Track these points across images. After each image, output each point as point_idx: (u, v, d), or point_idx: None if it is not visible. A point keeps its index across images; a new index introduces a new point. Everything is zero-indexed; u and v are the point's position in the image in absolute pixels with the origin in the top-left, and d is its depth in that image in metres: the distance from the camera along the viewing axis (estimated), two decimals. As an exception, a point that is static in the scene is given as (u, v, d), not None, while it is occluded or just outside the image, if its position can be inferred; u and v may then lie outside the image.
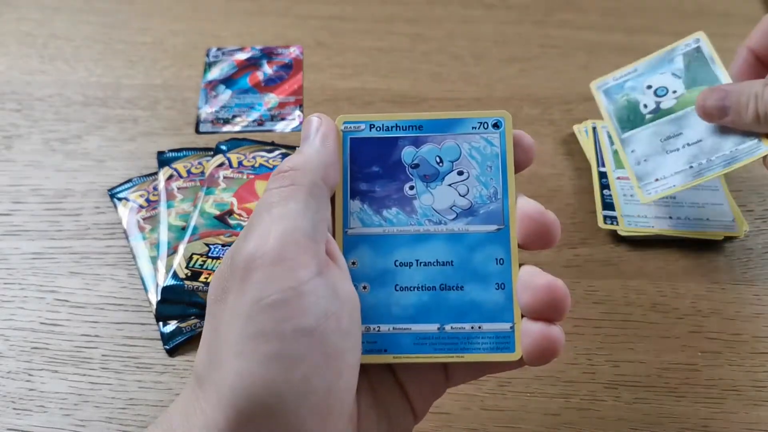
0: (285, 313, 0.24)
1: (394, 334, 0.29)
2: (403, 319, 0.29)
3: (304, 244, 0.25)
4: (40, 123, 0.56)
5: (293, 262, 0.25)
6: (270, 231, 0.25)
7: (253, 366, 0.24)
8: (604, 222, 0.48)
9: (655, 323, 0.44)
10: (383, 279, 0.29)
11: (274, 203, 0.26)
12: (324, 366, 0.25)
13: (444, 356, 0.29)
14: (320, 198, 0.27)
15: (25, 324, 0.43)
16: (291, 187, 0.27)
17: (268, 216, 0.26)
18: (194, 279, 0.43)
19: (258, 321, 0.24)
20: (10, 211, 0.50)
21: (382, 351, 0.29)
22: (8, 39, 0.63)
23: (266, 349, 0.24)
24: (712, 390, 0.41)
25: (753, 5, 0.67)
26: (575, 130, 0.54)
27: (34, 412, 0.40)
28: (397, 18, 0.66)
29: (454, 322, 0.29)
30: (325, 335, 0.25)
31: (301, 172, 0.27)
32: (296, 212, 0.26)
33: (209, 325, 0.27)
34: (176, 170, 0.51)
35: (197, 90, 0.59)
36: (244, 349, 0.24)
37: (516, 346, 0.29)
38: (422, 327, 0.29)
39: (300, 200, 0.26)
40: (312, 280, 0.25)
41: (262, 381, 0.24)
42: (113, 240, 0.48)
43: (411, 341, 0.29)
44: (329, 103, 0.58)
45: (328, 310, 0.25)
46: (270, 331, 0.24)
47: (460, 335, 0.29)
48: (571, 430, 0.39)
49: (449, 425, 0.39)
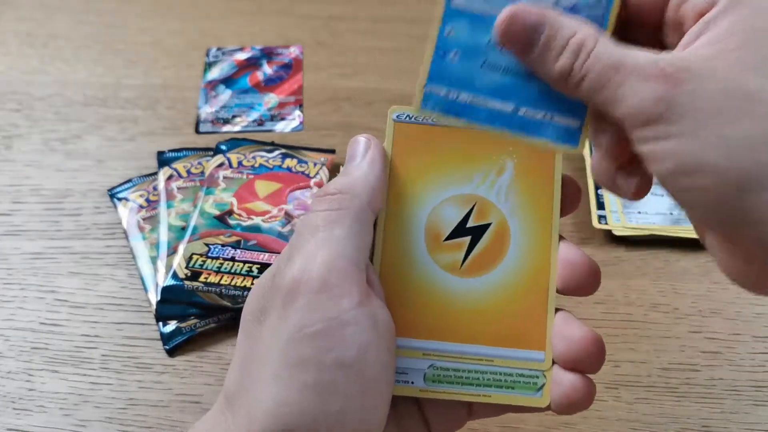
0: (326, 343, 0.24)
1: (471, 106, 0.27)
2: (482, 91, 0.27)
3: (348, 271, 0.25)
4: (40, 123, 0.55)
5: (337, 290, 0.25)
6: (315, 256, 0.25)
7: (291, 394, 0.24)
8: (598, 222, 0.48)
9: (655, 323, 0.44)
10: (474, 52, 0.27)
11: (319, 226, 0.26)
12: (360, 398, 0.25)
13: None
14: (365, 223, 0.27)
15: (25, 324, 0.43)
16: (338, 211, 0.26)
17: (314, 239, 0.26)
18: (194, 279, 0.43)
19: (299, 349, 0.24)
20: (10, 211, 0.50)
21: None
22: (8, 39, 0.63)
23: (305, 378, 0.24)
24: (712, 390, 0.41)
25: (753, 5, 0.67)
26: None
27: (33, 412, 0.40)
28: (397, 18, 0.66)
29: (527, 106, 0.26)
30: (364, 367, 0.25)
31: (349, 196, 0.27)
32: (342, 238, 0.26)
33: (244, 344, 0.26)
34: (176, 170, 0.51)
35: (197, 90, 0.59)
36: (283, 375, 0.24)
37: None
38: (498, 104, 0.26)
39: (345, 225, 0.26)
40: (353, 310, 0.25)
41: (299, 410, 0.24)
42: (113, 240, 0.48)
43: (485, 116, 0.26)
44: (329, 103, 0.58)
45: (368, 342, 0.25)
46: (310, 360, 0.24)
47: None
48: (571, 430, 0.39)
49: (449, 425, 0.39)
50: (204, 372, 0.41)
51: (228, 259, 0.44)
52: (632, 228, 0.47)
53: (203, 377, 0.41)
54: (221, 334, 0.43)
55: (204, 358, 0.42)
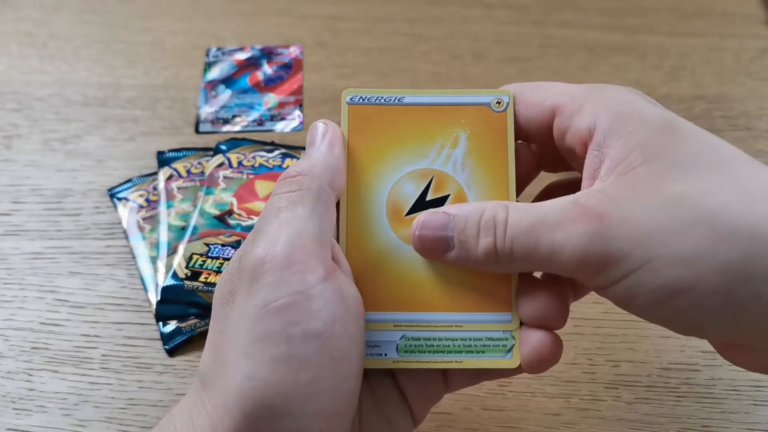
0: (293, 316, 0.24)
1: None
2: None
3: (311, 248, 0.26)
4: (40, 123, 0.55)
5: (301, 267, 0.25)
6: (278, 235, 0.26)
7: (261, 368, 0.24)
8: None
9: (655, 323, 0.44)
10: None
11: (282, 208, 0.26)
12: (330, 370, 0.25)
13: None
14: (327, 203, 0.28)
15: (24, 324, 0.43)
16: (299, 192, 0.27)
17: (276, 220, 0.26)
18: (194, 279, 0.43)
19: (266, 324, 0.24)
20: (10, 211, 0.50)
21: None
22: (8, 39, 0.63)
23: (274, 352, 0.24)
24: (712, 390, 0.41)
25: (753, 5, 0.67)
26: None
27: (33, 412, 0.40)
28: (397, 18, 0.66)
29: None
30: (332, 339, 0.25)
31: (309, 177, 0.27)
32: (304, 217, 0.26)
33: (215, 327, 0.27)
34: (176, 170, 0.51)
35: (197, 90, 0.59)
36: (251, 351, 0.24)
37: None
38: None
39: (308, 205, 0.27)
40: (319, 285, 0.25)
41: (270, 383, 0.24)
42: (113, 240, 0.48)
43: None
44: (329, 103, 0.58)
45: (335, 314, 0.25)
46: (278, 334, 0.24)
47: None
48: (571, 430, 0.39)
49: (449, 425, 0.39)
50: (204, 372, 0.41)
51: (228, 259, 0.44)
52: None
53: (203, 377, 0.41)
54: (221, 334, 0.43)
55: (204, 358, 0.42)
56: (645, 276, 0.23)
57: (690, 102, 0.58)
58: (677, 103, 0.58)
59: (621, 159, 0.24)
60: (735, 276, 0.22)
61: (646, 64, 0.61)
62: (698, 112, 0.57)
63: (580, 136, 0.26)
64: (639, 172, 0.24)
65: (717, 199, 0.22)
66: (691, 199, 0.23)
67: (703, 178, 0.23)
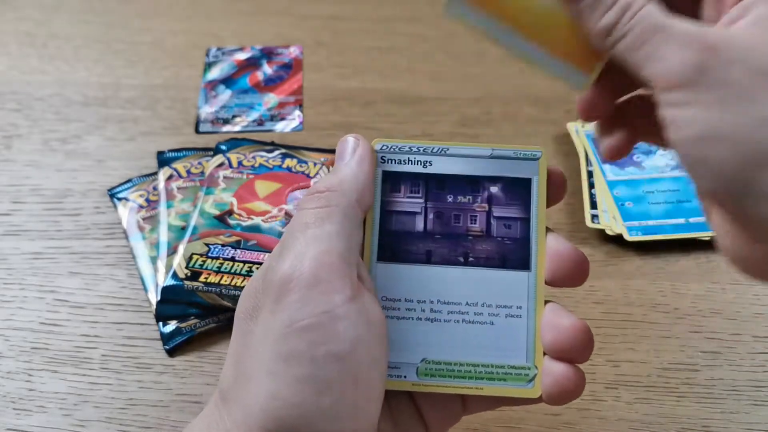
0: (319, 336, 0.24)
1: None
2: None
3: (338, 267, 0.25)
4: (40, 123, 0.55)
5: (328, 286, 0.25)
6: (306, 252, 0.25)
7: (284, 387, 0.24)
8: (591, 221, 0.48)
9: (655, 323, 0.44)
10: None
11: (309, 224, 0.26)
12: (353, 391, 0.25)
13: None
14: (354, 221, 0.27)
15: (24, 324, 0.43)
16: (327, 208, 0.27)
17: (303, 237, 0.26)
18: (194, 279, 0.43)
19: (291, 343, 0.24)
20: (10, 211, 0.50)
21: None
22: (8, 39, 0.63)
23: (298, 372, 0.24)
24: (712, 390, 0.41)
25: (753, 5, 0.67)
26: (569, 128, 0.54)
27: (33, 412, 0.40)
28: (396, 18, 0.66)
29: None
30: (356, 361, 0.25)
31: (338, 193, 0.27)
32: (332, 234, 0.26)
33: (237, 342, 0.26)
34: (176, 170, 0.51)
35: (197, 90, 0.59)
36: (275, 369, 0.24)
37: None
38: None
39: (336, 222, 0.26)
40: (345, 305, 0.25)
41: (293, 403, 0.24)
42: (113, 240, 0.48)
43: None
44: (329, 102, 0.58)
45: (359, 336, 0.25)
46: (303, 354, 0.24)
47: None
48: (571, 430, 0.39)
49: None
50: (204, 372, 0.41)
51: (228, 259, 0.44)
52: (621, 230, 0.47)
53: (203, 377, 0.41)
54: (221, 334, 0.43)
55: (204, 358, 0.42)
56: (708, 113, 0.23)
57: (690, 102, 0.58)
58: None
59: (761, 21, 0.24)
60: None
61: (646, 64, 0.61)
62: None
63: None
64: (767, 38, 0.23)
65: None
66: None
67: None
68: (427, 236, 0.30)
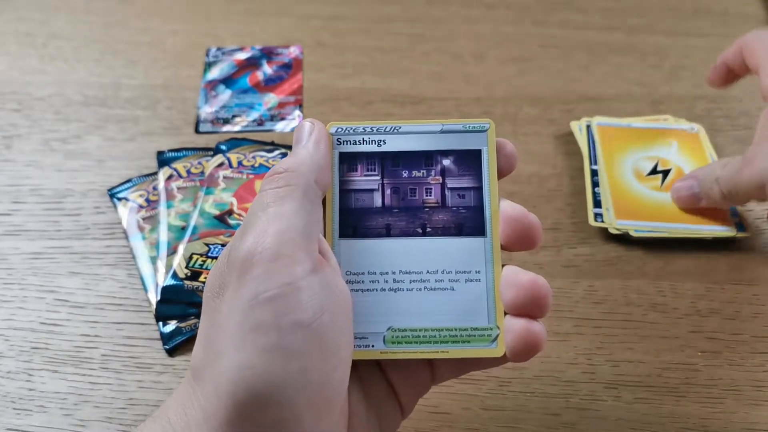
0: (283, 307, 0.25)
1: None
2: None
3: (299, 242, 0.26)
4: (40, 123, 0.56)
5: (290, 259, 0.26)
6: (267, 229, 0.26)
7: (252, 358, 0.24)
8: (594, 219, 0.48)
9: (655, 323, 0.44)
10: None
11: (269, 203, 0.27)
12: (320, 359, 0.25)
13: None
14: (313, 199, 0.28)
15: (25, 324, 0.43)
16: (286, 187, 0.28)
17: (264, 215, 0.27)
18: (194, 279, 0.43)
19: (256, 314, 0.25)
20: (10, 211, 0.50)
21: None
22: (8, 39, 0.63)
23: (265, 342, 0.25)
24: (712, 390, 0.41)
25: (753, 5, 0.67)
26: (572, 126, 0.54)
27: (34, 412, 0.40)
28: (397, 18, 0.66)
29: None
30: (321, 329, 0.25)
31: (296, 173, 0.28)
32: (291, 212, 0.27)
33: (206, 321, 0.27)
34: (176, 170, 0.51)
35: (197, 90, 0.59)
36: (242, 341, 0.25)
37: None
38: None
39: (295, 200, 0.27)
40: (308, 277, 0.26)
41: (261, 372, 0.24)
42: (113, 240, 0.48)
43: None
44: (329, 102, 0.58)
45: (323, 305, 0.26)
46: (268, 324, 0.25)
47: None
48: (571, 430, 0.39)
49: (449, 425, 0.39)
50: (204, 372, 0.41)
51: (228, 259, 0.44)
52: (624, 227, 0.47)
53: (203, 377, 0.41)
54: (221, 334, 0.43)
55: (204, 358, 0.42)
56: None
57: (690, 102, 0.58)
58: (677, 103, 0.58)
59: None
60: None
61: (646, 64, 0.61)
62: (698, 112, 0.57)
63: None
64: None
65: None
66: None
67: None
68: (386, 211, 0.31)
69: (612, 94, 0.58)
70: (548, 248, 0.48)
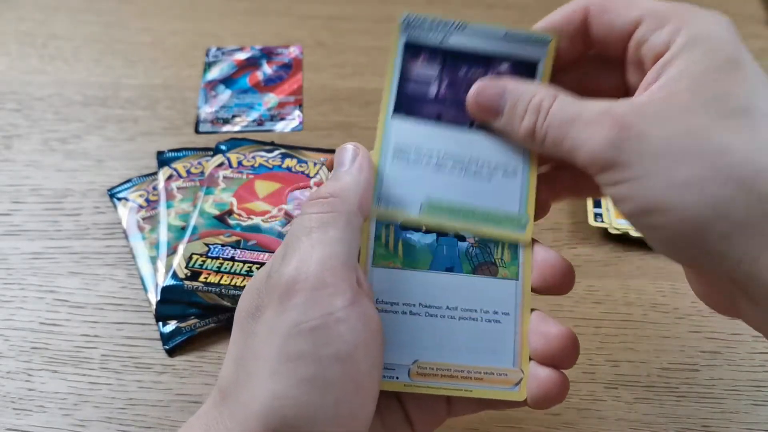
0: (324, 338, 0.25)
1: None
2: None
3: (341, 271, 0.26)
4: (40, 123, 0.55)
5: (333, 289, 0.25)
6: (311, 255, 0.26)
7: (289, 387, 0.24)
8: (594, 219, 0.48)
9: (655, 323, 0.44)
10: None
11: (313, 228, 0.27)
12: (353, 392, 0.25)
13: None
14: (356, 227, 0.28)
15: (24, 324, 0.43)
16: (330, 214, 0.27)
17: (308, 240, 0.26)
18: (194, 279, 0.43)
19: (296, 343, 0.25)
20: (10, 211, 0.50)
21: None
22: (8, 39, 0.63)
23: (304, 372, 0.24)
24: (712, 390, 0.41)
25: (753, 5, 0.67)
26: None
27: (33, 412, 0.40)
28: (396, 18, 0.66)
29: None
30: (357, 363, 0.25)
31: (340, 200, 0.28)
32: (335, 240, 0.26)
33: (239, 341, 0.27)
34: (176, 170, 0.51)
35: (197, 90, 0.59)
36: (280, 369, 0.25)
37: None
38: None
39: (339, 228, 0.27)
40: (348, 308, 0.25)
41: (296, 402, 0.24)
42: (113, 240, 0.48)
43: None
44: (329, 102, 0.58)
45: (360, 337, 0.26)
46: (308, 355, 0.25)
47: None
48: (571, 430, 0.39)
49: (449, 425, 0.39)
50: (204, 372, 0.41)
51: (228, 259, 0.44)
52: (624, 227, 0.47)
53: (203, 377, 0.41)
54: (221, 334, 0.43)
55: (204, 358, 0.42)
56: (637, 187, 0.25)
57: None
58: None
59: (673, 81, 0.25)
60: (713, 212, 0.23)
61: (646, 64, 0.61)
62: (698, 112, 0.57)
63: (655, 50, 0.27)
64: (678, 97, 0.25)
65: (730, 142, 0.24)
66: (706, 134, 0.24)
67: (728, 120, 0.24)
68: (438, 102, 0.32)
69: (612, 94, 0.58)
70: (548, 248, 0.48)
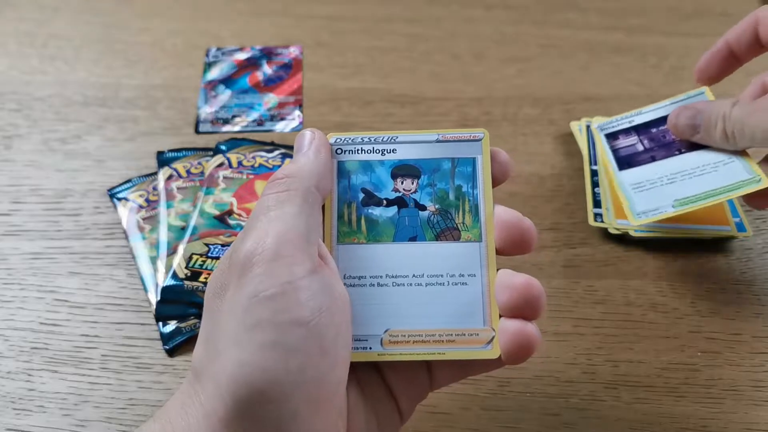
0: (282, 305, 0.25)
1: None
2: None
3: (299, 243, 0.27)
4: (40, 123, 0.56)
5: (290, 259, 0.26)
6: (267, 231, 0.27)
7: (252, 355, 0.25)
8: (594, 219, 0.48)
9: (655, 323, 0.44)
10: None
11: (270, 206, 0.28)
12: (318, 357, 0.26)
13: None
14: (313, 204, 0.29)
15: (24, 324, 0.43)
16: (286, 192, 0.29)
17: (265, 218, 0.28)
18: (194, 279, 0.43)
19: (256, 312, 0.25)
20: (10, 211, 0.50)
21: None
22: (8, 39, 0.63)
23: (263, 339, 0.25)
24: (712, 390, 0.41)
25: (752, 5, 0.67)
26: (572, 127, 0.54)
27: (33, 412, 0.40)
28: (396, 18, 0.66)
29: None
30: (319, 328, 0.26)
31: (296, 179, 0.29)
32: (291, 215, 0.28)
33: (207, 321, 0.28)
34: (176, 170, 0.51)
35: (197, 90, 0.59)
36: (242, 339, 0.25)
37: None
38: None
39: (295, 204, 0.28)
40: (307, 277, 0.26)
41: (260, 369, 0.25)
42: (113, 240, 0.48)
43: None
44: (329, 102, 0.58)
45: (322, 305, 0.26)
46: (267, 322, 0.25)
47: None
48: (571, 430, 0.39)
49: (449, 425, 0.39)
50: (204, 372, 0.41)
51: (228, 259, 0.44)
52: (624, 227, 0.47)
53: (203, 377, 0.41)
54: (221, 334, 0.43)
55: (204, 358, 0.42)
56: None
57: (690, 102, 0.58)
58: (677, 103, 0.58)
59: None
60: None
61: (646, 64, 0.61)
62: (698, 112, 0.57)
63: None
64: None
65: None
66: None
67: None
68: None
69: (612, 95, 0.58)
70: (548, 248, 0.48)
